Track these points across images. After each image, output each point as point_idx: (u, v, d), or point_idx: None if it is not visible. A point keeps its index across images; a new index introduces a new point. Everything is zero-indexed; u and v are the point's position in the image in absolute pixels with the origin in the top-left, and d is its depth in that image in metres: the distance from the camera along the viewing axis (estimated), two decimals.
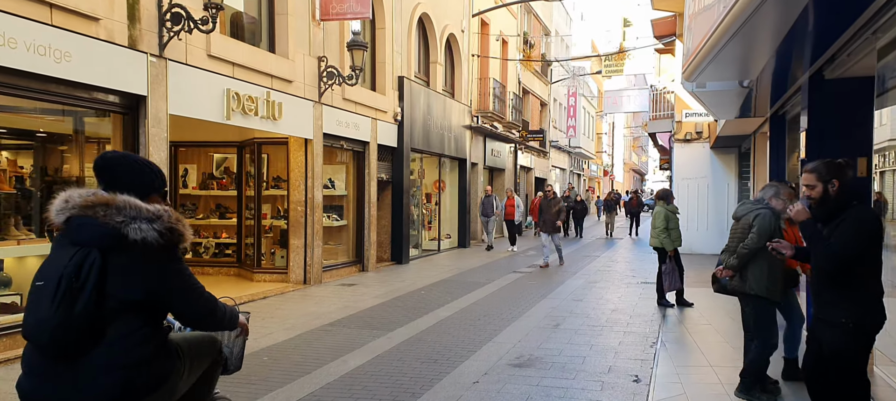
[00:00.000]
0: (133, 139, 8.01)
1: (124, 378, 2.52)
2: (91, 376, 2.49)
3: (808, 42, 6.76)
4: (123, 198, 2.60)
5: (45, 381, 2.53)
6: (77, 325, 2.45)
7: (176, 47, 8.41)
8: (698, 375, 6.37)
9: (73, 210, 2.60)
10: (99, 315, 2.49)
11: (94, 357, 2.50)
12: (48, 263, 2.57)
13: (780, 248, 4.42)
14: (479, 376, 6.28)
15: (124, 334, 2.54)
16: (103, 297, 2.49)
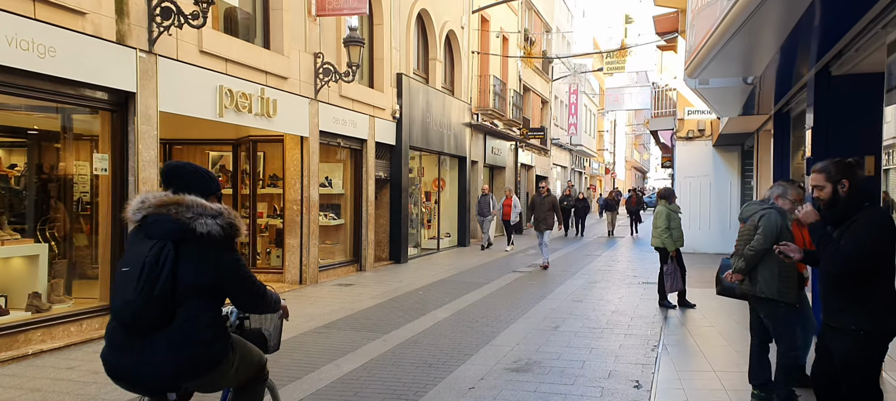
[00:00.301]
0: (122, 137, 7.82)
1: (189, 355, 3.01)
2: (163, 351, 2.98)
3: (815, 38, 6.57)
4: (191, 198, 3.08)
5: (124, 353, 3.03)
6: (155, 306, 2.93)
7: (166, 43, 8.22)
8: (701, 380, 6.18)
9: (148, 209, 3.09)
10: (172, 298, 2.97)
11: (166, 335, 2.97)
12: (130, 254, 3.05)
13: (787, 251, 4.22)
14: (475, 382, 6.10)
15: (191, 316, 3.01)
16: (176, 282, 2.97)
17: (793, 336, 5.14)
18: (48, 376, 6.09)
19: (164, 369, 2.99)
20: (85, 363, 6.51)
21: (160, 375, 3.00)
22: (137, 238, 3.09)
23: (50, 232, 8.06)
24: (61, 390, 5.75)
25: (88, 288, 8.07)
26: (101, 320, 7.63)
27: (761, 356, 5.40)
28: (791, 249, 4.22)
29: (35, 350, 6.64)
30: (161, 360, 2.97)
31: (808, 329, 5.63)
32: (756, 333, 5.39)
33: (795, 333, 5.18)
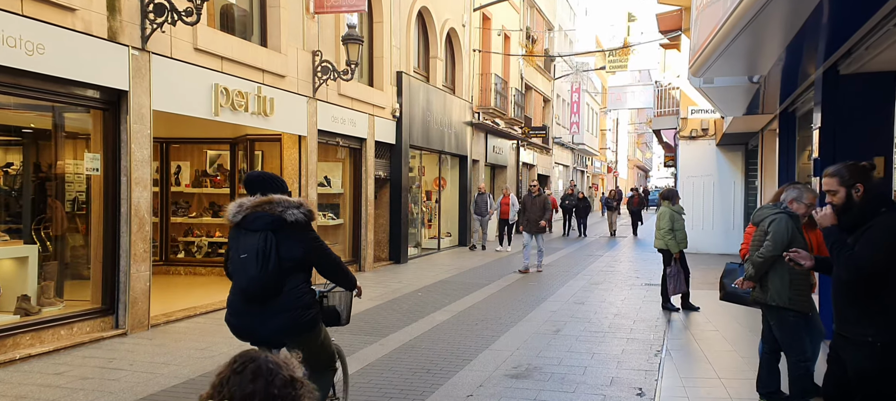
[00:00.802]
0: (114, 136, 7.66)
1: (293, 317, 3.95)
2: (273, 314, 3.91)
3: (823, 36, 6.39)
4: (278, 196, 4.00)
5: (244, 317, 4.00)
6: (270, 279, 3.86)
7: (160, 40, 8.06)
8: (706, 388, 6.01)
9: (246, 211, 3.97)
10: (279, 274, 3.88)
11: (276, 302, 3.91)
12: (242, 244, 3.94)
13: (797, 258, 4.04)
14: (473, 389, 5.93)
15: (294, 288, 3.96)
16: (280, 260, 3.88)
17: (802, 346, 4.97)
18: (35, 382, 5.93)
19: (276, 327, 3.93)
20: (73, 369, 6.36)
21: (273, 332, 3.94)
22: (240, 233, 3.99)
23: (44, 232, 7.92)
24: (47, 397, 5.60)
25: (80, 290, 7.92)
26: (93, 323, 7.48)
27: (771, 365, 5.23)
28: (802, 257, 4.04)
29: (23, 355, 6.48)
30: (274, 321, 3.93)
31: (816, 337, 5.45)
32: (768, 341, 5.21)
33: (805, 342, 5.01)
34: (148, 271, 8.00)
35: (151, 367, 6.52)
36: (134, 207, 7.77)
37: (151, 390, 5.84)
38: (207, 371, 6.41)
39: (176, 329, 8.13)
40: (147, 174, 7.95)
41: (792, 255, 4.04)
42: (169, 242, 12.92)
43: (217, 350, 7.16)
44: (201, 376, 6.24)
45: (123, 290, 7.70)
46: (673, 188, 10.59)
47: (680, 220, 9.58)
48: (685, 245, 9.50)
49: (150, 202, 8.06)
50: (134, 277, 7.78)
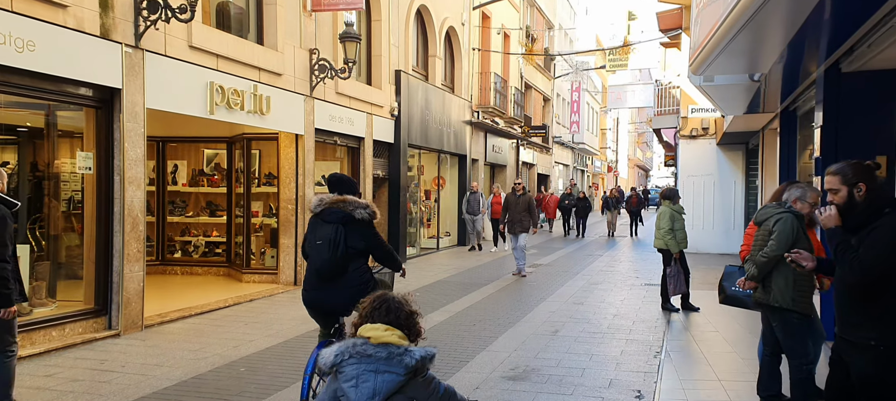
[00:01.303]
0: (107, 135, 7.57)
1: (355, 291, 4.72)
2: (340, 289, 4.90)
3: (825, 33, 6.30)
4: (351, 197, 4.99)
5: (319, 292, 5.01)
6: (338, 262, 4.85)
7: (154, 38, 7.97)
8: (706, 390, 5.92)
9: (325, 205, 4.99)
10: (346, 258, 4.87)
11: (342, 280, 4.90)
12: (319, 232, 4.91)
13: (799, 259, 3.95)
14: (469, 391, 5.84)
15: (356, 269, 4.95)
16: (346, 247, 4.85)
17: (805, 348, 4.87)
18: (24, 385, 5.84)
19: (342, 300, 4.90)
20: (64, 370, 6.27)
21: (339, 304, 4.97)
22: (318, 222, 5.00)
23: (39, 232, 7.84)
24: (37, 399, 5.52)
25: (73, 290, 7.83)
26: (85, 324, 7.39)
27: (772, 367, 5.14)
28: (804, 257, 3.95)
29: None
30: (341, 295, 4.90)
31: (818, 339, 5.35)
32: (768, 342, 5.12)
33: (807, 344, 4.91)
34: (141, 272, 7.92)
35: (144, 369, 6.43)
36: (127, 206, 7.68)
37: (143, 392, 5.75)
38: (201, 373, 6.33)
39: (170, 330, 8.04)
40: (141, 173, 7.87)
41: (794, 256, 3.95)
42: (165, 242, 12.84)
43: (211, 351, 7.08)
44: (194, 378, 6.16)
45: (116, 290, 7.61)
46: (673, 188, 10.49)
47: (680, 219, 9.49)
48: (685, 245, 9.41)
49: (144, 202, 7.98)
50: (127, 277, 7.69)
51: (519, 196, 13.21)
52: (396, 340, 2.60)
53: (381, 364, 2.54)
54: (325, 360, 2.60)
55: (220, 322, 8.56)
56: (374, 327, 2.62)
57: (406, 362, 2.54)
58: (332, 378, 2.62)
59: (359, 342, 2.60)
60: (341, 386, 2.56)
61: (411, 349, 2.59)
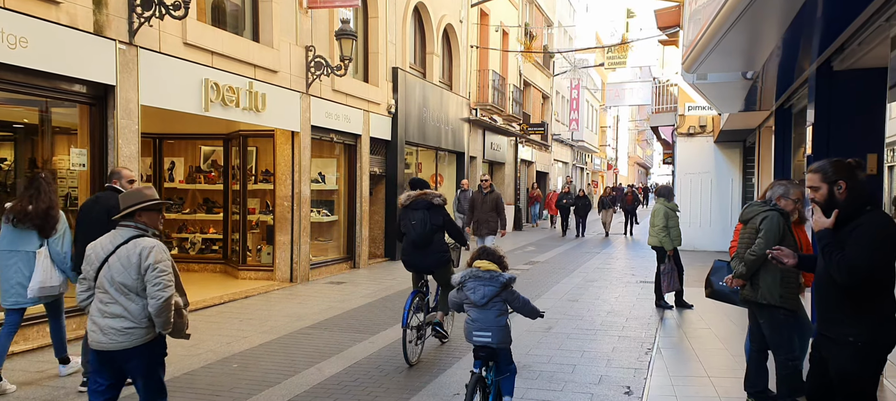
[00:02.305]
0: (101, 132, 7.59)
1: (438, 258, 7.02)
2: (428, 255, 6.96)
3: (816, 30, 6.32)
4: (430, 191, 7.03)
5: (414, 256, 6.99)
6: (426, 235, 6.85)
7: (148, 34, 7.99)
8: (695, 387, 5.95)
9: (412, 198, 6.95)
10: (431, 232, 6.88)
11: (429, 249, 6.93)
12: (413, 216, 6.85)
13: (780, 256, 3.98)
14: (460, 387, 5.86)
15: (439, 241, 7.00)
16: (431, 225, 6.86)
17: (791, 344, 4.90)
18: (17, 380, 5.88)
19: (430, 262, 7.02)
20: (56, 366, 6.29)
21: (428, 265, 7.06)
22: (408, 211, 6.94)
23: None
24: (30, 396, 5.55)
25: None
26: (80, 320, 7.41)
27: (759, 363, 5.17)
28: (784, 254, 3.98)
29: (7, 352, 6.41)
30: (429, 259, 6.99)
31: (805, 334, 5.38)
32: (755, 339, 5.15)
33: (794, 340, 4.94)
34: None
35: None
36: None
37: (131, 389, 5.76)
38: (193, 369, 6.36)
39: None
40: (135, 170, 7.88)
41: (775, 253, 3.97)
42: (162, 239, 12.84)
43: (204, 347, 7.11)
44: (186, 374, 6.19)
45: None
46: (668, 185, 10.51)
47: (675, 217, 9.51)
48: (679, 243, 9.42)
49: None
50: None
51: (485, 194, 11.65)
52: (494, 268, 4.54)
53: (487, 281, 4.48)
54: (455, 278, 4.64)
55: (215, 319, 8.58)
56: (481, 262, 4.58)
57: (500, 280, 4.48)
58: (458, 290, 4.62)
59: (474, 270, 4.56)
60: (465, 293, 4.53)
61: (503, 274, 4.53)
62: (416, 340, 6.76)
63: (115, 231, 3.93)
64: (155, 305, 3.72)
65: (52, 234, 5.65)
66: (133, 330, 3.77)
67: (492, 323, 4.44)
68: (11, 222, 5.60)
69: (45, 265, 5.58)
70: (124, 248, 3.81)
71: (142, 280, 3.77)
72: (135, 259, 3.77)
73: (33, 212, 5.54)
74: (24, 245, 5.60)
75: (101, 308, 3.80)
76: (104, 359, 3.83)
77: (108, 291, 3.79)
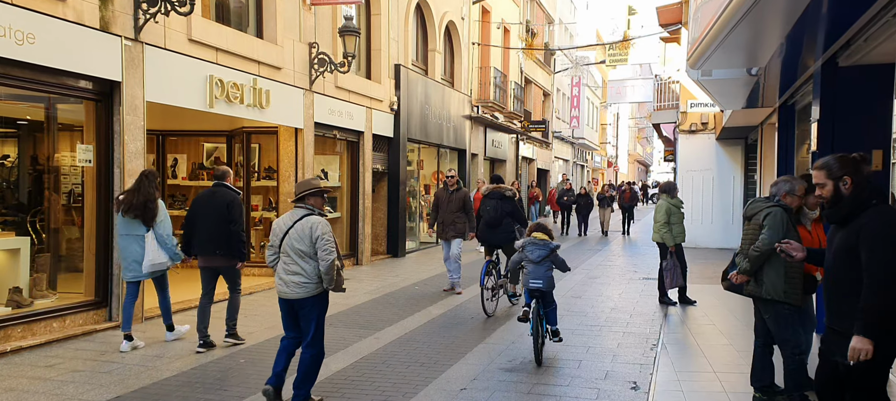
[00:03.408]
0: (107, 127, 7.60)
1: (506, 236, 9.15)
2: (498, 233, 9.21)
3: (822, 27, 6.33)
4: (502, 185, 9.52)
5: (487, 234, 9.30)
6: (499, 217, 9.17)
7: (153, 31, 8.00)
8: (701, 382, 5.97)
9: (490, 189, 9.40)
10: (501, 216, 9.17)
11: (500, 228, 9.17)
12: (489, 204, 9.21)
13: (789, 250, 4.00)
14: (467, 382, 5.89)
15: (507, 223, 9.17)
16: (502, 211, 9.17)
17: (797, 338, 4.92)
18: (25, 375, 5.90)
19: (500, 239, 9.17)
20: (65, 361, 6.32)
21: (498, 241, 9.20)
22: (486, 200, 9.27)
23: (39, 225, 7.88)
24: (38, 389, 5.56)
25: (74, 282, 7.88)
26: (86, 315, 7.44)
27: (764, 358, 5.19)
28: (794, 248, 3.99)
29: (14, 347, 6.44)
30: (499, 236, 9.15)
31: (809, 328, 5.41)
32: (760, 334, 5.17)
33: (799, 334, 4.96)
34: None
35: (144, 359, 6.48)
36: None
37: (143, 382, 5.79)
38: (201, 363, 6.38)
39: None
40: (141, 166, 7.89)
41: (783, 246, 3.99)
42: None
43: None
44: (194, 369, 6.21)
45: (117, 282, 7.65)
46: (671, 182, 10.52)
47: (678, 214, 9.51)
48: (682, 239, 9.43)
49: None
50: None
51: (452, 192, 10.45)
52: (546, 238, 6.70)
53: (541, 246, 6.58)
54: (518, 243, 6.90)
55: (220, 314, 8.56)
56: (537, 234, 6.72)
57: (550, 246, 6.62)
58: (519, 252, 6.72)
59: (532, 238, 6.69)
60: (524, 254, 6.61)
61: (551, 242, 6.70)
62: (491, 297, 8.87)
63: (292, 211, 5.20)
64: (323, 265, 4.96)
65: (152, 222, 6.76)
66: (307, 284, 5.04)
67: (543, 274, 6.57)
68: (121, 212, 6.76)
69: (152, 247, 6.77)
70: (300, 223, 5.04)
71: (313, 247, 4.97)
72: (308, 232, 4.99)
73: (135, 204, 6.67)
74: (133, 230, 6.78)
75: (285, 268, 5.06)
76: (286, 305, 5.18)
77: (290, 255, 5.02)
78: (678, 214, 9.51)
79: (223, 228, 6.85)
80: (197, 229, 6.98)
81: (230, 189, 7.08)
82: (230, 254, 6.94)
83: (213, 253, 6.95)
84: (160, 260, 6.84)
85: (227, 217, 6.85)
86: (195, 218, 7.01)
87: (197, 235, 6.97)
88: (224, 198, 6.94)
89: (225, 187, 7.06)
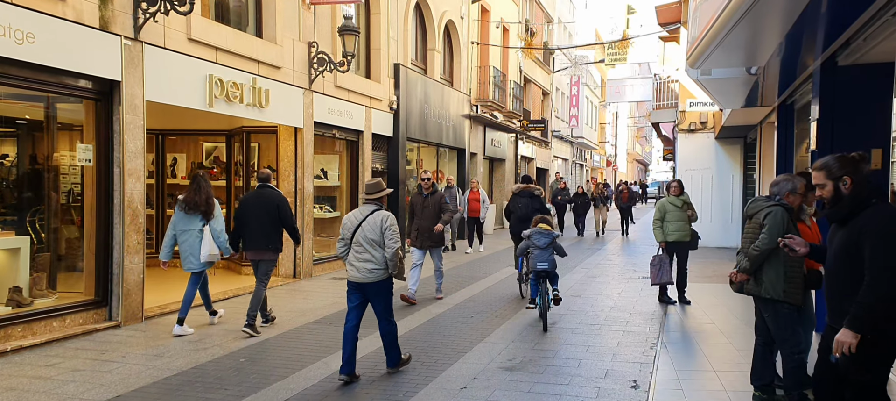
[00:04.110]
0: (107, 127, 7.60)
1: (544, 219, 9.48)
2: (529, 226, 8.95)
3: (821, 25, 6.34)
4: (532, 185, 10.78)
5: (519, 227, 9.72)
6: (529, 214, 9.68)
7: (153, 30, 7.99)
8: (701, 381, 5.97)
9: (520, 188, 10.57)
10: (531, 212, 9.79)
11: (529, 222, 8.97)
12: (519, 201, 10.35)
13: (792, 245, 4.01)
14: (467, 381, 5.90)
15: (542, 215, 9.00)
16: (531, 207, 10.17)
17: (796, 338, 4.92)
18: (26, 374, 5.90)
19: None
20: (65, 361, 6.32)
21: None
22: (517, 197, 10.43)
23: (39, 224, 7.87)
24: (38, 389, 5.56)
25: (74, 281, 7.88)
26: (86, 315, 7.44)
27: (765, 357, 5.20)
28: (797, 242, 4.00)
29: (14, 346, 6.44)
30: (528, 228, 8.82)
31: (809, 327, 5.41)
32: (761, 332, 5.19)
33: (798, 333, 4.97)
34: (141, 263, 7.96)
35: (144, 359, 6.48)
36: (127, 198, 7.72)
37: (143, 382, 5.80)
38: (201, 363, 6.38)
39: (170, 321, 8.06)
40: (140, 165, 7.90)
41: (787, 240, 4.00)
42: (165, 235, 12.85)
43: (210, 342, 7.13)
44: (194, 368, 6.21)
45: (117, 282, 7.66)
46: (670, 181, 10.59)
47: (674, 211, 9.52)
48: (676, 236, 9.44)
49: (144, 194, 8.02)
50: (127, 268, 7.73)
51: (426, 195, 9.77)
52: (549, 228, 8.25)
53: (546, 235, 8.17)
54: (526, 232, 8.43)
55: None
56: (542, 225, 8.33)
57: (553, 235, 8.24)
58: (527, 239, 8.31)
59: (538, 229, 8.27)
60: (532, 242, 8.16)
61: (554, 231, 8.29)
62: (526, 280, 9.47)
63: (361, 207, 6.12)
64: (388, 252, 5.85)
65: (211, 217, 7.57)
66: (377, 270, 5.90)
67: (547, 258, 8.14)
68: (183, 209, 7.51)
69: (207, 240, 7.53)
70: (371, 217, 5.94)
71: (382, 237, 5.85)
72: (379, 224, 5.89)
73: (197, 201, 7.48)
74: (192, 226, 7.54)
75: (357, 256, 5.90)
76: (356, 287, 6.01)
77: (363, 245, 5.88)
78: (674, 211, 9.52)
79: (274, 225, 7.65)
80: (248, 228, 7.67)
81: (274, 190, 7.86)
82: (278, 249, 7.77)
83: (266, 247, 7.65)
84: (214, 252, 7.59)
85: (279, 215, 7.67)
86: (246, 217, 7.71)
87: (248, 233, 7.64)
88: (272, 198, 7.71)
89: (270, 188, 7.77)
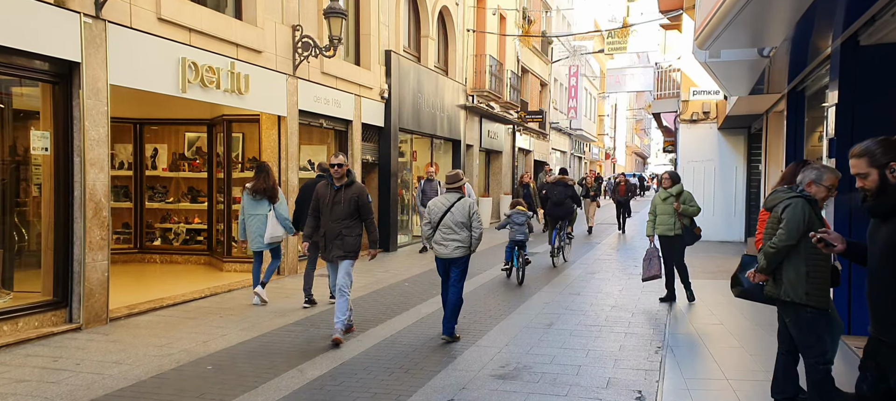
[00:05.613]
0: (65, 112, 6.99)
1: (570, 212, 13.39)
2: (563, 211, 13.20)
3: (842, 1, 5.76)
4: (567, 177, 14.12)
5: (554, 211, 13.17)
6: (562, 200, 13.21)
7: (117, 8, 7.39)
8: (713, 391, 5.41)
9: (555, 180, 13.74)
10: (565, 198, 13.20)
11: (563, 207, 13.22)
12: (556, 190, 13.25)
13: (827, 238, 3.43)
14: (455, 392, 5.33)
15: (569, 204, 13.25)
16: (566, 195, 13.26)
17: (822, 345, 4.34)
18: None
19: (563, 214, 13.08)
20: (11, 369, 5.74)
21: (562, 215, 13.07)
22: (551, 185, 13.45)
23: None
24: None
25: (31, 280, 7.28)
26: (43, 317, 6.85)
27: (788, 368, 4.61)
28: (832, 237, 3.43)
29: None
30: (563, 211, 13.10)
31: (836, 332, 4.81)
32: (784, 340, 4.60)
33: (824, 340, 4.37)
34: (106, 261, 7.37)
35: (100, 366, 5.90)
36: (89, 190, 7.12)
37: (94, 394, 5.22)
38: (163, 371, 5.80)
39: (137, 323, 7.51)
40: (104, 154, 7.30)
41: (820, 234, 3.43)
42: (144, 229, 12.30)
43: (178, 347, 6.56)
44: (154, 377, 5.63)
45: (78, 281, 7.07)
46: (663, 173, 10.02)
47: (662, 205, 8.99)
48: (660, 230, 8.92)
49: (108, 185, 7.41)
50: (89, 266, 7.15)
51: (338, 188, 6.95)
52: (525, 209, 10.95)
53: (523, 214, 10.80)
54: (505, 211, 11.52)
55: (194, 314, 8.03)
56: (519, 207, 10.92)
57: (527, 214, 10.97)
58: (506, 218, 10.92)
59: (517, 210, 10.84)
60: (512, 220, 10.75)
61: (528, 212, 11.03)
62: (556, 253, 12.65)
63: (447, 194, 7.07)
64: (476, 234, 6.94)
65: (276, 202, 8.59)
66: (461, 247, 6.89)
67: (523, 232, 10.61)
68: (251, 195, 8.50)
69: (273, 223, 8.54)
70: (459, 203, 6.95)
71: (470, 220, 6.90)
72: (466, 209, 6.93)
73: (265, 187, 8.49)
74: (258, 210, 8.55)
75: (445, 237, 6.89)
76: (443, 264, 7.02)
77: (451, 227, 6.87)
78: (663, 205, 8.98)
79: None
80: (302, 209, 8.61)
81: None
82: None
83: None
84: (277, 233, 8.60)
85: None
86: (304, 203, 8.59)
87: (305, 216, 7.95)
88: None
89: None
